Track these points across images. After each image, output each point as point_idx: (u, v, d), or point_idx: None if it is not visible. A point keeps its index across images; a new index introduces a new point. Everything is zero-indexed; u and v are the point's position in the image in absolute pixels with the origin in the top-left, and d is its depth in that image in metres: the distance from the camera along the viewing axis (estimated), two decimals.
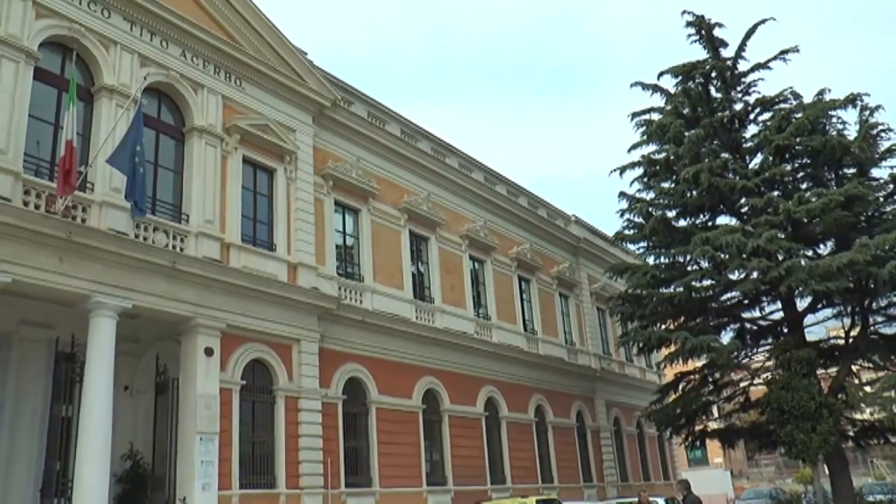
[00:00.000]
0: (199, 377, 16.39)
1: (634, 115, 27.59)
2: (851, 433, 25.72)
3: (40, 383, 16.30)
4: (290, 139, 20.45)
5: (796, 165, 25.29)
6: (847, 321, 24.74)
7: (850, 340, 24.42)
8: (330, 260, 21.10)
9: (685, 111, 26.62)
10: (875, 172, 24.53)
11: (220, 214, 17.99)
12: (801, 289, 22.39)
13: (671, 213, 26.50)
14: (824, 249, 24.54)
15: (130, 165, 14.80)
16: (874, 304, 23.84)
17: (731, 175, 24.90)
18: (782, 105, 25.96)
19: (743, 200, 24.89)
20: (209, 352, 16.69)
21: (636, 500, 21.50)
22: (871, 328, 24.34)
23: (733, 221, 25.39)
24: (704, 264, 24.20)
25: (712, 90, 26.92)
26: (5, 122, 14.17)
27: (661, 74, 27.21)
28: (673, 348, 24.78)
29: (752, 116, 26.65)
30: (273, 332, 18.47)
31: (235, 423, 17.05)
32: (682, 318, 26.09)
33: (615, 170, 27.52)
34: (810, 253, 24.30)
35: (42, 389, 16.30)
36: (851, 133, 24.26)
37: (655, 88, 27.45)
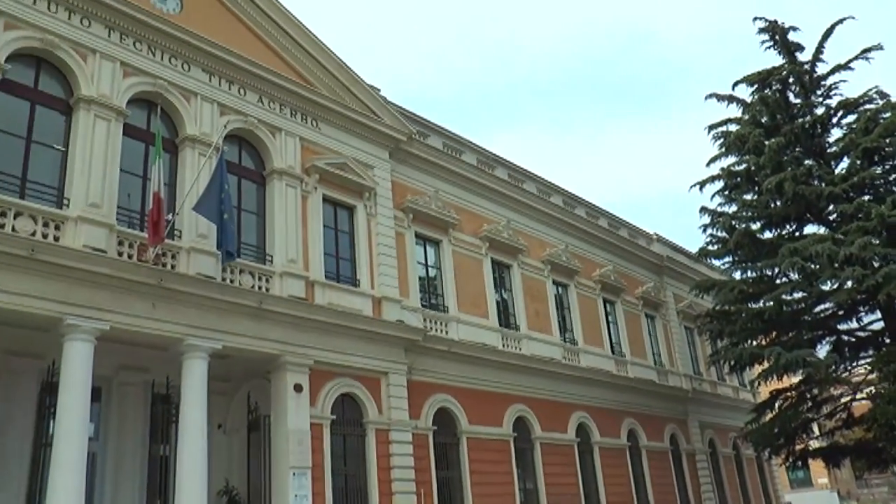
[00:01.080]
0: (290, 413, 16.46)
1: (711, 127, 26.96)
2: None
3: (139, 424, 16.68)
4: (368, 175, 20.60)
5: (887, 167, 24.14)
6: None
7: None
8: (414, 292, 21.03)
9: (764, 119, 25.83)
10: None
11: (303, 253, 18.17)
12: None
13: (756, 226, 25.68)
14: None
15: (217, 213, 15.16)
16: None
17: (816, 182, 23.96)
18: (868, 106, 24.95)
19: (831, 207, 23.92)
20: (298, 388, 16.75)
21: None
22: None
23: (822, 230, 24.39)
24: (794, 276, 23.27)
25: (791, 96, 26.10)
26: (99, 178, 14.79)
27: (735, 84, 26.55)
28: (766, 365, 23.85)
29: (835, 120, 25.67)
30: (361, 367, 18.45)
31: (327, 458, 17.01)
32: (774, 333, 25.10)
33: (695, 185, 26.92)
34: None
35: (141, 430, 16.69)
36: None
37: (731, 99, 26.77)
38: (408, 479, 18.45)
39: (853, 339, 24.98)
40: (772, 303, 23.50)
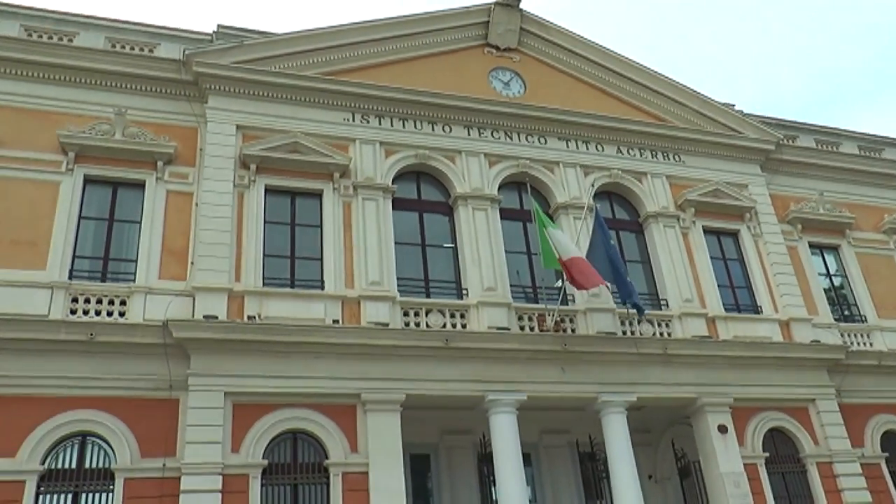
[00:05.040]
0: (720, 456, 14.84)
1: None
2: None
3: (571, 483, 16.41)
4: (743, 195, 18.35)
5: None
6: None
7: None
8: (822, 307, 18.02)
9: None
10: None
11: (696, 290, 16.65)
12: None
13: None
14: None
15: (608, 271, 14.36)
16: None
17: None
18: None
19: None
20: (723, 429, 15.10)
21: None
22: None
23: None
24: None
25: None
26: (489, 263, 15.09)
27: None
28: None
29: None
30: (782, 397, 16.04)
31: (769, 499, 14.89)
32: None
33: None
34: None
35: (574, 489, 16.39)
36: None
37: None
38: None
39: None
40: None
